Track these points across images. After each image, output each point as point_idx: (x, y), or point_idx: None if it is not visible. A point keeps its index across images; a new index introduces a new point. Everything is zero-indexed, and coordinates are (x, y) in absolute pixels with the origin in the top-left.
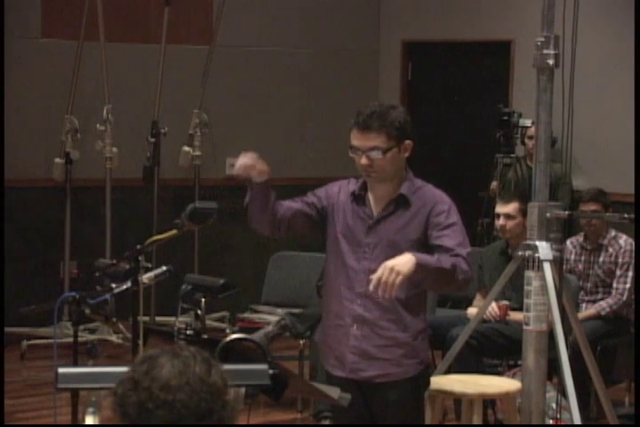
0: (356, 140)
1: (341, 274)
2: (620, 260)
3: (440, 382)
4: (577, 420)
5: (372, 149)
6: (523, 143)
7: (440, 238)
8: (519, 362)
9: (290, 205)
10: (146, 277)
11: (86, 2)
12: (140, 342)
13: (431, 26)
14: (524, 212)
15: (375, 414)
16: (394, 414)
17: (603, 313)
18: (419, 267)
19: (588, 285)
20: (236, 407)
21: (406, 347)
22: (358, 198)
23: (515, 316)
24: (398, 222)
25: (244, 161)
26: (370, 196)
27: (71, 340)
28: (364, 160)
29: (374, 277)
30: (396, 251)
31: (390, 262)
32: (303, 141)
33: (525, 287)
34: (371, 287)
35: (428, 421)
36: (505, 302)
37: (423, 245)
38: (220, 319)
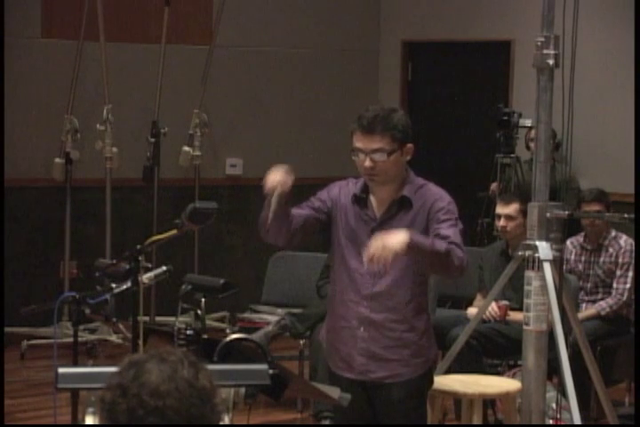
0: (360, 142)
1: (346, 276)
2: (620, 260)
3: (440, 382)
4: (577, 420)
5: (376, 151)
6: (527, 148)
7: (437, 230)
8: (519, 362)
9: (299, 212)
10: (146, 277)
11: (86, 2)
12: (140, 342)
13: (431, 26)
14: (524, 213)
15: (379, 412)
16: (398, 413)
17: (603, 313)
18: (412, 246)
19: (588, 285)
20: (222, 410)
21: (413, 347)
22: (360, 201)
23: (515, 316)
24: (401, 224)
25: (275, 178)
26: (371, 198)
27: (71, 340)
28: (367, 163)
29: (368, 252)
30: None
31: (384, 239)
32: (303, 141)
33: (525, 287)
34: (365, 261)
35: (428, 421)
36: (505, 302)
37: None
38: (220, 319)
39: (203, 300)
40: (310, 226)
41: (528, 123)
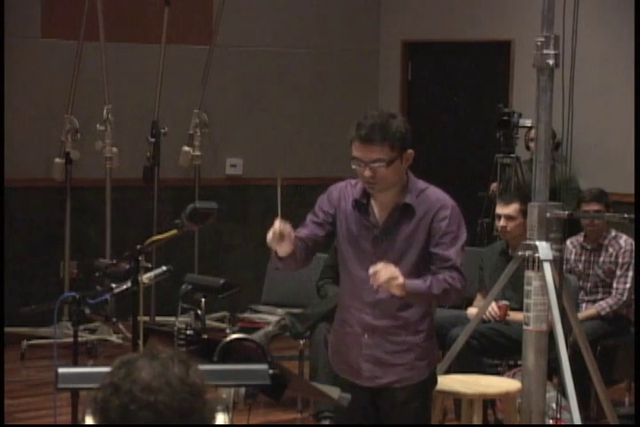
0: (359, 152)
1: (348, 281)
2: (620, 260)
3: (440, 382)
4: (577, 420)
5: (375, 162)
6: (527, 148)
7: (439, 246)
8: (519, 362)
9: (305, 233)
10: (146, 277)
11: (86, 2)
12: (140, 342)
13: (431, 26)
14: (524, 213)
15: (383, 414)
16: (402, 415)
17: (603, 313)
18: (408, 295)
19: (588, 285)
20: (215, 407)
21: (417, 349)
22: (361, 206)
23: (515, 316)
24: (405, 231)
25: (272, 235)
26: (372, 203)
27: (71, 340)
28: (367, 172)
29: (374, 276)
30: (403, 258)
31: (393, 271)
32: (303, 141)
33: (525, 287)
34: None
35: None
36: (505, 302)
37: (429, 251)
38: (220, 319)
39: (203, 300)
40: (319, 243)
41: (528, 123)
